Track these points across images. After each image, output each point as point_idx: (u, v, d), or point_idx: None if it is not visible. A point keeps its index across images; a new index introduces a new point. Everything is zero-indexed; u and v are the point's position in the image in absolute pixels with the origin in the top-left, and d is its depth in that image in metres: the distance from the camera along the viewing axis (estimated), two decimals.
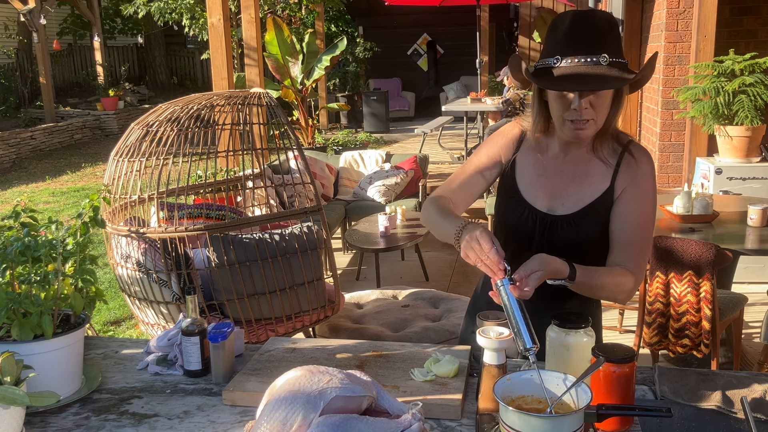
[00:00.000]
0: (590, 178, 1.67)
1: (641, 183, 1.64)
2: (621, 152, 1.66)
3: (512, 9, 15.31)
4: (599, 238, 1.66)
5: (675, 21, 5.65)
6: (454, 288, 4.90)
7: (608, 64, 1.49)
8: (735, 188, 4.56)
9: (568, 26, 1.53)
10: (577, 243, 1.65)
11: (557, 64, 1.52)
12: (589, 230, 1.64)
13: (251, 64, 6.66)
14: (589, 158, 1.68)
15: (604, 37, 1.51)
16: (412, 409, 1.20)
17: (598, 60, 1.49)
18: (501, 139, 1.79)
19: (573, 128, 1.57)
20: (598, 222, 1.65)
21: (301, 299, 2.97)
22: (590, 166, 1.67)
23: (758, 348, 3.66)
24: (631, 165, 1.64)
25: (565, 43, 1.52)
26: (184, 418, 1.47)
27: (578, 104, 1.53)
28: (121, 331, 4.37)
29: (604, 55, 1.49)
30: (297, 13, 11.66)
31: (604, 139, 1.65)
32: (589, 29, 1.52)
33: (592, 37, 1.51)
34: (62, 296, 1.53)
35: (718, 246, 2.86)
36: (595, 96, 1.53)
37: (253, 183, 4.26)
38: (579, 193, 1.67)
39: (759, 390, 1.48)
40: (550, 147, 1.72)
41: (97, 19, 14.42)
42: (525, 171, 1.73)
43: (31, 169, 10.46)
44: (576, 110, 1.54)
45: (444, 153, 10.14)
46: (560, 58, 1.52)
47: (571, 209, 1.66)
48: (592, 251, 1.67)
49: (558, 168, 1.70)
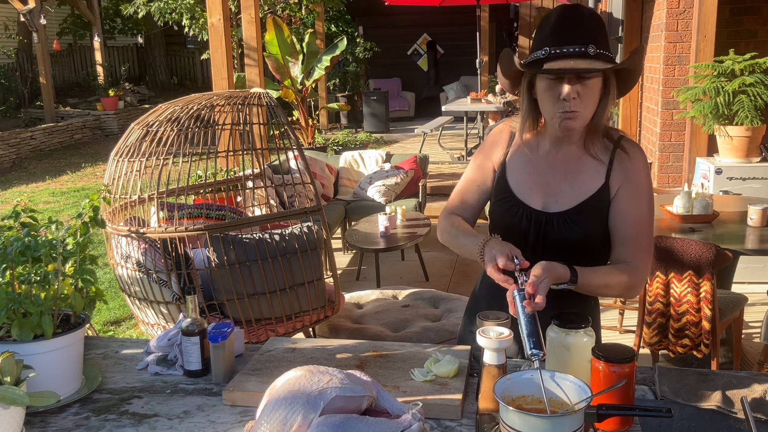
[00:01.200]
0: (583, 174, 1.67)
1: (636, 178, 1.65)
2: (613, 148, 1.67)
3: (512, 9, 15.31)
4: (594, 235, 1.66)
5: (675, 21, 5.65)
6: (454, 288, 4.90)
7: (595, 54, 1.53)
8: (735, 188, 4.56)
9: (555, 20, 1.57)
10: (572, 240, 1.65)
11: (546, 56, 1.55)
12: (584, 227, 1.64)
13: (251, 64, 6.66)
14: (580, 155, 1.69)
15: (591, 30, 1.55)
16: (412, 409, 1.20)
17: (585, 50, 1.52)
18: (490, 146, 1.81)
19: (562, 119, 1.59)
20: (594, 219, 1.65)
21: (301, 299, 2.97)
22: (582, 163, 1.68)
23: (758, 348, 3.66)
24: (624, 161, 1.65)
25: (552, 36, 1.56)
26: (184, 418, 1.47)
27: (567, 93, 1.54)
28: (121, 331, 4.37)
29: (591, 46, 1.52)
30: (297, 13, 11.66)
31: (595, 135, 1.66)
32: (575, 22, 1.56)
33: (579, 29, 1.55)
34: (62, 296, 1.53)
35: (718, 246, 2.86)
36: (583, 87, 1.55)
37: (253, 183, 4.26)
38: (573, 190, 1.67)
39: (759, 390, 1.48)
40: (541, 145, 1.73)
41: (97, 19, 14.42)
42: (517, 170, 1.74)
43: (31, 169, 10.47)
44: (565, 101, 1.55)
45: (444, 153, 10.14)
46: (548, 49, 1.55)
47: (566, 206, 1.66)
48: (587, 248, 1.67)
49: (550, 165, 1.71)
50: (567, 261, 1.66)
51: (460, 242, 1.71)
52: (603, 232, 1.68)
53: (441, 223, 1.81)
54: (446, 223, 1.79)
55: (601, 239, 1.69)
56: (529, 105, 1.68)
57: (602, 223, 1.66)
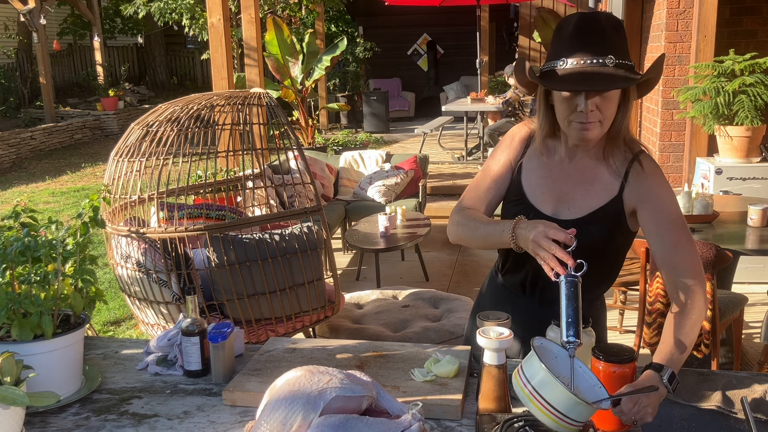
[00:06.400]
0: (597, 184, 1.64)
1: (657, 192, 1.60)
2: (631, 160, 1.63)
3: (512, 9, 15.30)
4: (603, 244, 1.63)
5: (675, 21, 5.65)
6: (454, 288, 4.90)
7: (614, 65, 1.47)
8: (735, 188, 4.56)
9: (573, 28, 1.52)
10: (581, 249, 1.64)
11: (563, 66, 1.50)
12: (593, 236, 1.61)
13: (251, 64, 6.66)
14: (596, 164, 1.65)
15: (610, 39, 1.49)
16: (412, 409, 1.20)
17: (604, 61, 1.47)
18: (510, 142, 1.77)
19: (579, 129, 1.54)
20: (604, 228, 1.62)
21: (301, 299, 2.97)
22: (597, 172, 1.65)
23: (758, 348, 3.66)
24: (640, 176, 1.61)
25: (570, 45, 1.50)
26: (184, 418, 1.47)
27: (585, 106, 1.50)
28: (121, 331, 4.36)
29: (610, 57, 1.47)
30: (297, 13, 11.66)
31: (615, 144, 1.62)
32: (594, 31, 1.50)
33: (598, 38, 1.49)
34: (62, 296, 1.53)
35: (718, 246, 2.85)
36: (602, 98, 1.51)
37: (253, 183, 4.26)
38: (585, 199, 1.64)
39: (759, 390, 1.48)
40: (557, 151, 1.69)
41: (97, 19, 14.42)
42: (531, 174, 1.71)
43: (31, 169, 10.47)
44: (582, 113, 1.51)
45: (444, 153, 10.14)
46: (566, 59, 1.50)
47: (577, 214, 1.64)
48: (595, 258, 1.65)
49: (565, 172, 1.68)
50: None
51: (482, 232, 1.63)
52: (612, 244, 1.66)
53: (454, 217, 1.74)
54: (460, 216, 1.72)
55: (610, 251, 1.67)
56: (546, 110, 1.64)
57: (611, 234, 1.64)
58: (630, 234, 1.68)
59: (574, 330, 1.30)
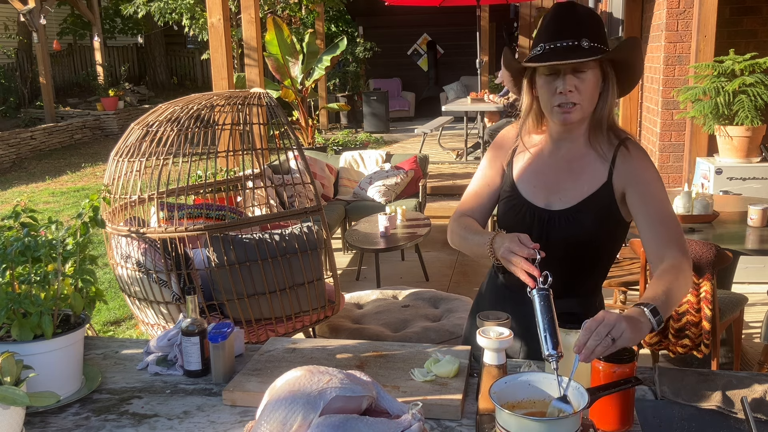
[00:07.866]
0: (586, 172, 1.68)
1: (643, 176, 1.63)
2: (617, 145, 1.67)
3: (512, 9, 15.30)
4: (596, 232, 1.66)
5: (675, 21, 5.65)
6: (454, 288, 4.90)
7: (589, 48, 1.55)
8: (735, 188, 4.56)
9: (550, 17, 1.62)
10: (575, 238, 1.65)
11: (541, 52, 1.59)
12: (585, 224, 1.64)
13: (251, 64, 6.66)
14: (584, 152, 1.69)
15: (584, 24, 1.58)
16: (412, 410, 1.20)
17: (579, 44, 1.55)
18: (499, 146, 1.83)
19: (560, 112, 1.61)
20: (596, 216, 1.65)
21: (301, 299, 2.97)
22: (586, 161, 1.68)
23: (758, 348, 3.66)
24: (627, 160, 1.65)
25: (547, 33, 1.60)
26: (184, 418, 1.47)
27: (564, 86, 1.57)
28: (121, 331, 4.36)
29: (585, 39, 1.55)
30: (297, 13, 11.66)
31: (598, 130, 1.67)
32: (569, 17, 1.59)
33: (572, 23, 1.58)
34: (62, 296, 1.53)
35: (718, 246, 2.85)
36: (580, 80, 1.57)
37: (253, 183, 4.26)
38: (576, 188, 1.67)
39: (759, 390, 1.48)
40: (545, 144, 1.74)
41: (97, 19, 14.42)
42: (521, 170, 1.76)
43: (31, 169, 10.46)
44: (562, 94, 1.58)
45: (444, 153, 10.14)
46: (543, 45, 1.59)
47: (568, 204, 1.67)
48: (590, 246, 1.68)
49: (554, 163, 1.72)
50: (571, 259, 1.66)
51: (470, 243, 1.70)
52: (606, 231, 1.68)
53: (451, 225, 1.81)
54: (456, 225, 1.79)
55: (605, 237, 1.69)
56: (531, 103, 1.70)
57: (605, 221, 1.66)
58: (623, 224, 1.71)
59: (552, 342, 1.31)
